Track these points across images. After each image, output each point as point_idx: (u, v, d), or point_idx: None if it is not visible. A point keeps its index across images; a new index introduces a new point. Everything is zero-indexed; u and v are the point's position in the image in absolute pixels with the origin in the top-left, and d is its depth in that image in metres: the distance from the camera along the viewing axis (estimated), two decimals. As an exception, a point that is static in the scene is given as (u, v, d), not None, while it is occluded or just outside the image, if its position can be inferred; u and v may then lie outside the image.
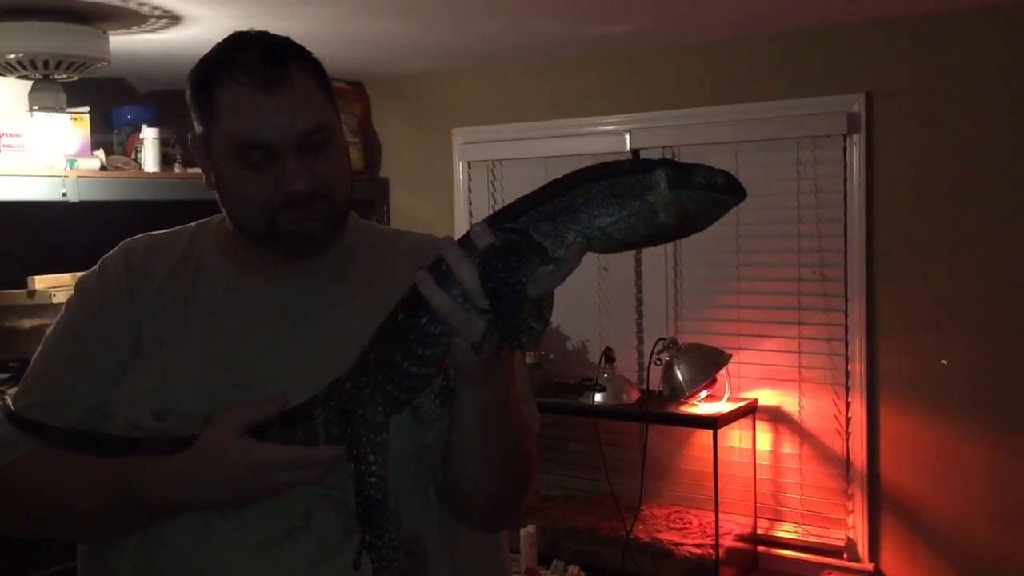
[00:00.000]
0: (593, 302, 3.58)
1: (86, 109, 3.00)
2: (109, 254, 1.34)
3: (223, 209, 1.27)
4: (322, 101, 1.21)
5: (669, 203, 0.90)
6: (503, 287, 0.91)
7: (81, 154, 2.97)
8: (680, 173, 0.90)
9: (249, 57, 1.17)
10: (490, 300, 0.92)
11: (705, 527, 3.18)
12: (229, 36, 1.22)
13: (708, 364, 3.14)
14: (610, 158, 1.01)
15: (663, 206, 0.90)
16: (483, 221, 0.95)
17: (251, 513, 1.14)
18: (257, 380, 1.19)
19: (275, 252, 1.25)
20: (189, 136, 1.27)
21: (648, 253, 3.47)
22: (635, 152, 3.39)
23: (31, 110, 2.82)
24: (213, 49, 1.22)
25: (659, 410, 3.18)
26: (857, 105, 3.02)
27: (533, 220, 0.93)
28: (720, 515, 3.08)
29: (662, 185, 0.90)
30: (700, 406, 3.17)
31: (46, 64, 2.56)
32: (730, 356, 3.16)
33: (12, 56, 2.51)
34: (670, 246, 3.41)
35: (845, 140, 3.06)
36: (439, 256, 0.96)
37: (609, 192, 0.91)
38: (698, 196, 0.90)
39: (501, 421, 1.11)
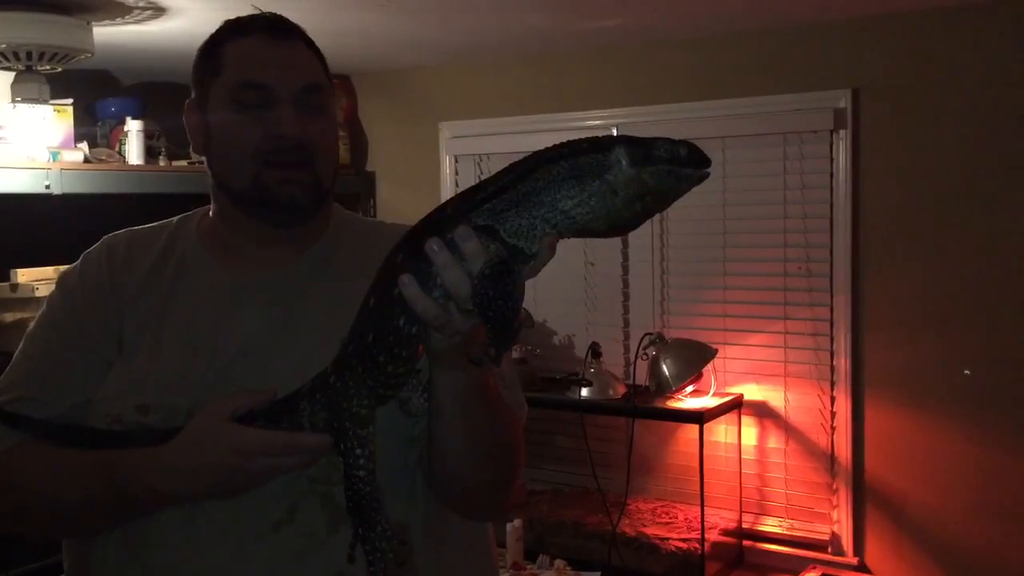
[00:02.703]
0: (580, 297, 3.58)
1: (69, 101, 2.98)
2: (91, 249, 1.33)
3: (212, 171, 1.27)
4: (321, 73, 1.26)
5: (630, 180, 0.88)
6: (503, 310, 0.90)
7: (64, 146, 2.95)
8: (640, 149, 0.88)
9: (258, 17, 1.24)
10: (490, 325, 0.91)
11: (691, 521, 3.19)
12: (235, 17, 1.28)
13: (694, 359, 3.15)
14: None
15: (623, 184, 0.88)
16: (457, 215, 0.93)
17: (236, 507, 1.13)
18: (241, 373, 1.18)
19: (258, 217, 1.25)
20: (186, 103, 1.28)
21: (635, 248, 3.48)
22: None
23: (13, 101, 2.79)
24: (221, 24, 1.27)
25: (645, 405, 3.18)
26: (843, 101, 3.03)
27: (499, 209, 0.91)
28: (706, 509, 3.09)
29: (623, 163, 0.88)
30: (686, 401, 3.17)
31: (29, 55, 2.54)
32: (716, 351, 3.17)
33: (-6, 47, 2.49)
34: (656, 240, 3.42)
35: (831, 136, 3.07)
36: (405, 248, 0.96)
37: (569, 173, 0.89)
38: (660, 171, 0.88)
39: (480, 405, 1.10)
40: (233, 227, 1.29)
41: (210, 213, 1.33)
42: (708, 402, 3.16)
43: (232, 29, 1.24)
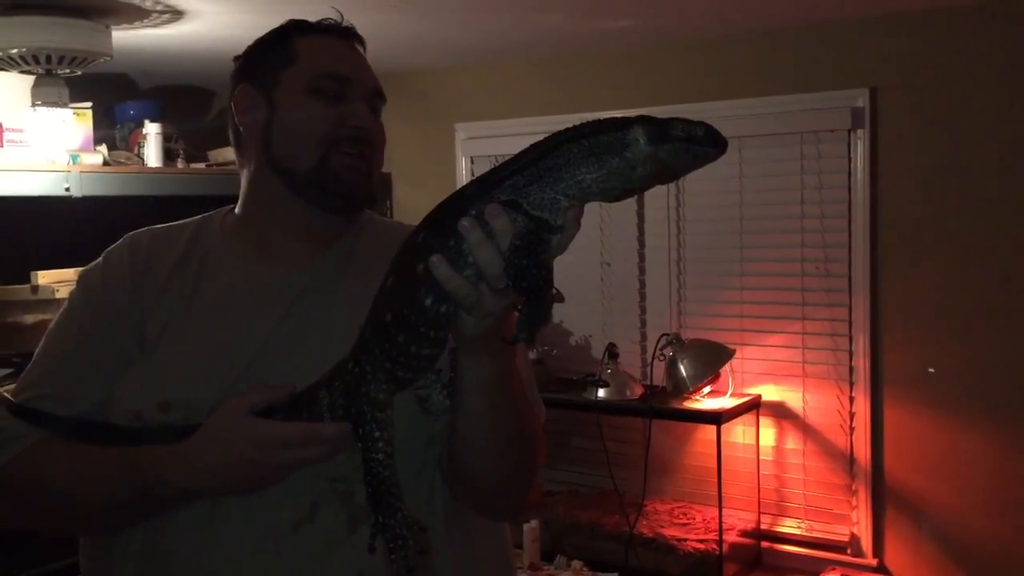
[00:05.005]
0: (596, 298, 3.57)
1: (89, 104, 3.00)
2: (112, 247, 1.34)
3: (269, 155, 1.27)
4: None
5: (647, 158, 0.91)
6: (537, 281, 0.92)
7: (84, 149, 2.97)
8: (658, 129, 0.91)
9: (329, 21, 1.32)
10: (525, 296, 0.93)
11: (709, 523, 3.18)
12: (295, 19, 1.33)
13: (712, 359, 3.14)
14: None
15: (641, 161, 0.91)
16: (480, 193, 0.95)
17: (256, 506, 1.14)
18: (262, 371, 1.19)
19: (315, 200, 1.26)
20: (238, 88, 1.30)
21: (651, 248, 3.47)
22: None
23: (34, 105, 2.81)
24: (282, 23, 1.32)
25: (663, 406, 3.18)
26: (861, 100, 3.02)
27: (520, 184, 0.94)
28: (724, 511, 3.08)
29: (640, 141, 0.91)
30: (704, 401, 3.16)
31: (48, 59, 2.56)
32: (734, 351, 3.15)
33: (15, 51, 2.51)
34: (673, 240, 3.41)
35: (849, 135, 3.06)
36: (428, 229, 0.97)
37: (589, 151, 0.92)
38: (676, 149, 0.91)
39: (505, 396, 1.11)
40: (269, 217, 1.29)
41: (236, 210, 1.34)
42: (726, 403, 3.15)
43: (301, 27, 1.30)
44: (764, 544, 3.27)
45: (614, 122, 0.93)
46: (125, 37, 2.80)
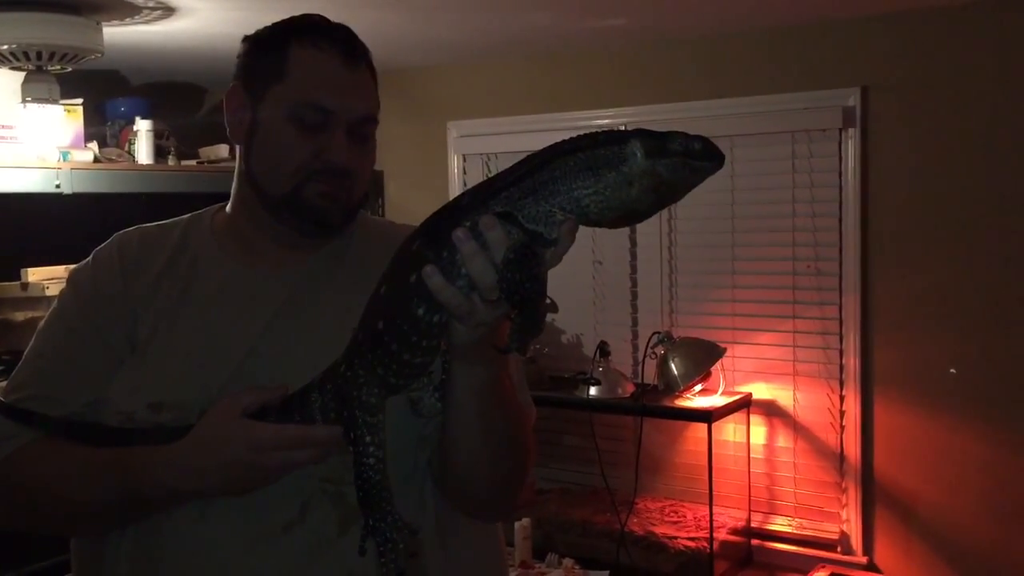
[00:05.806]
0: (588, 296, 3.58)
1: (79, 101, 2.99)
2: (102, 247, 1.33)
3: (248, 167, 1.26)
4: (377, 101, 1.28)
5: (644, 172, 0.90)
6: (530, 292, 0.91)
7: (74, 146, 2.96)
8: (656, 142, 0.90)
9: (336, 30, 1.24)
10: (518, 309, 0.92)
11: (699, 520, 3.18)
12: (303, 14, 1.27)
13: (703, 358, 3.14)
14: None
15: (638, 175, 0.90)
16: (475, 204, 0.95)
17: (247, 507, 1.14)
18: (253, 371, 1.19)
19: (286, 222, 1.25)
20: (231, 85, 1.28)
21: (643, 246, 3.47)
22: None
23: (24, 101, 2.80)
24: (287, 18, 1.27)
25: (654, 404, 3.18)
26: (853, 99, 3.02)
27: (516, 197, 0.93)
28: (714, 508, 3.09)
29: (638, 155, 0.90)
30: (695, 400, 3.17)
31: (39, 55, 2.55)
32: (725, 350, 3.16)
33: (5, 47, 2.50)
34: (665, 239, 3.42)
35: (840, 134, 3.07)
36: (422, 238, 0.97)
37: (585, 164, 0.91)
38: (674, 163, 0.90)
39: (496, 401, 1.11)
40: (256, 223, 1.29)
41: (226, 209, 1.33)
42: (717, 401, 3.16)
43: (302, 33, 1.23)
44: (754, 542, 3.28)
45: (611, 135, 0.92)
46: (116, 33, 2.79)
